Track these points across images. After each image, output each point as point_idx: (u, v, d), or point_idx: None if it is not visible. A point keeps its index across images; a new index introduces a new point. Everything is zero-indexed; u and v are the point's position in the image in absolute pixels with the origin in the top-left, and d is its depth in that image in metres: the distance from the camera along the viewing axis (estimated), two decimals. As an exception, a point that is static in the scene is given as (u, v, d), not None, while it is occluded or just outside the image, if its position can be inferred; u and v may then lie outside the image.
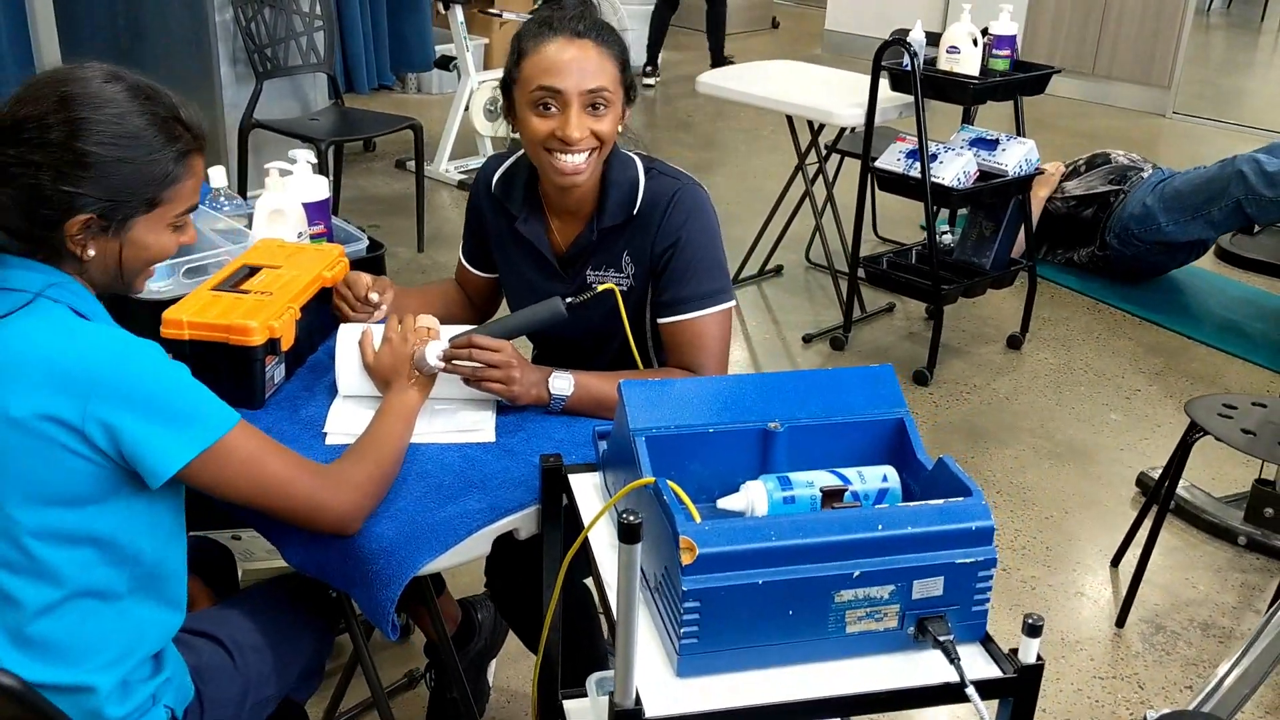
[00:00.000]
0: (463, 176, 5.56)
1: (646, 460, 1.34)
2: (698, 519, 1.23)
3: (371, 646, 2.17)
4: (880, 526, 1.23)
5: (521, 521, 1.62)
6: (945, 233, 4.33)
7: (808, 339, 4.10)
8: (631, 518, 1.09)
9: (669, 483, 1.26)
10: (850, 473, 1.37)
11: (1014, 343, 4.11)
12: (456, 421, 1.77)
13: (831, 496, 1.31)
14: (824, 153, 4.32)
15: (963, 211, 4.24)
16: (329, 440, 1.71)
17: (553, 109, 1.77)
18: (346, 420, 1.75)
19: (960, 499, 1.28)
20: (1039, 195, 4.65)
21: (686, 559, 1.19)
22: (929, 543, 1.24)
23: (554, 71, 1.76)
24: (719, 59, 7.41)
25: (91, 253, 1.41)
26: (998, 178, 3.74)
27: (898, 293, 4.17)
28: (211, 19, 4.42)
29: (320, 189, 2.23)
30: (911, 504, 1.27)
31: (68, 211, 1.37)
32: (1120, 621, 2.71)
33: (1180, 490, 3.13)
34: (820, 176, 4.33)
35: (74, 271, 1.42)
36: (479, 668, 2.28)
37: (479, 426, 1.76)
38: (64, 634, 1.38)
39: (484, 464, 1.68)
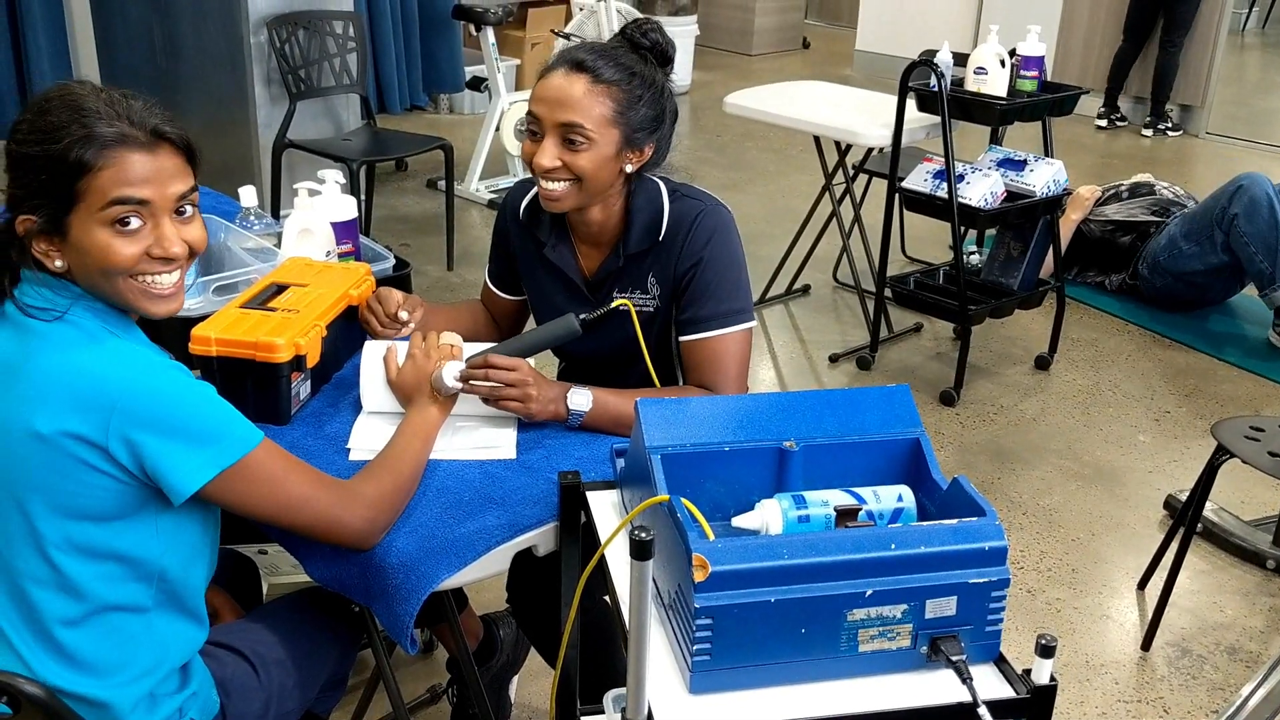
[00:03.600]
0: (493, 196, 5.61)
1: (662, 478, 1.35)
2: (711, 536, 1.25)
3: (394, 661, 2.19)
4: (893, 545, 1.24)
5: (540, 538, 1.63)
6: (973, 253, 4.32)
7: (834, 359, 4.10)
8: (643, 534, 1.10)
9: (683, 500, 1.27)
10: (865, 492, 1.38)
11: (1042, 364, 4.10)
12: (477, 439, 1.79)
13: (845, 515, 1.32)
14: (851, 173, 4.33)
15: (991, 232, 4.24)
16: (352, 456, 1.73)
17: (537, 134, 1.80)
18: (370, 436, 1.77)
19: (974, 519, 1.28)
20: (1071, 218, 4.64)
21: (699, 576, 1.20)
22: (942, 562, 1.25)
23: (539, 98, 1.79)
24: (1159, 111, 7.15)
25: (59, 264, 1.39)
26: (1025, 198, 3.74)
27: (925, 313, 4.17)
28: (247, 40, 4.49)
29: (348, 209, 2.26)
30: (925, 523, 1.28)
31: (14, 211, 1.37)
32: (1146, 645, 2.69)
33: (1208, 513, 3.10)
34: (847, 196, 4.34)
35: (87, 288, 1.42)
36: (501, 684, 2.30)
37: (500, 443, 1.78)
38: (90, 646, 1.40)
39: (504, 480, 1.69)
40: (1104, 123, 7.27)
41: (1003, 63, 3.71)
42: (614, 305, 1.85)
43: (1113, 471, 3.44)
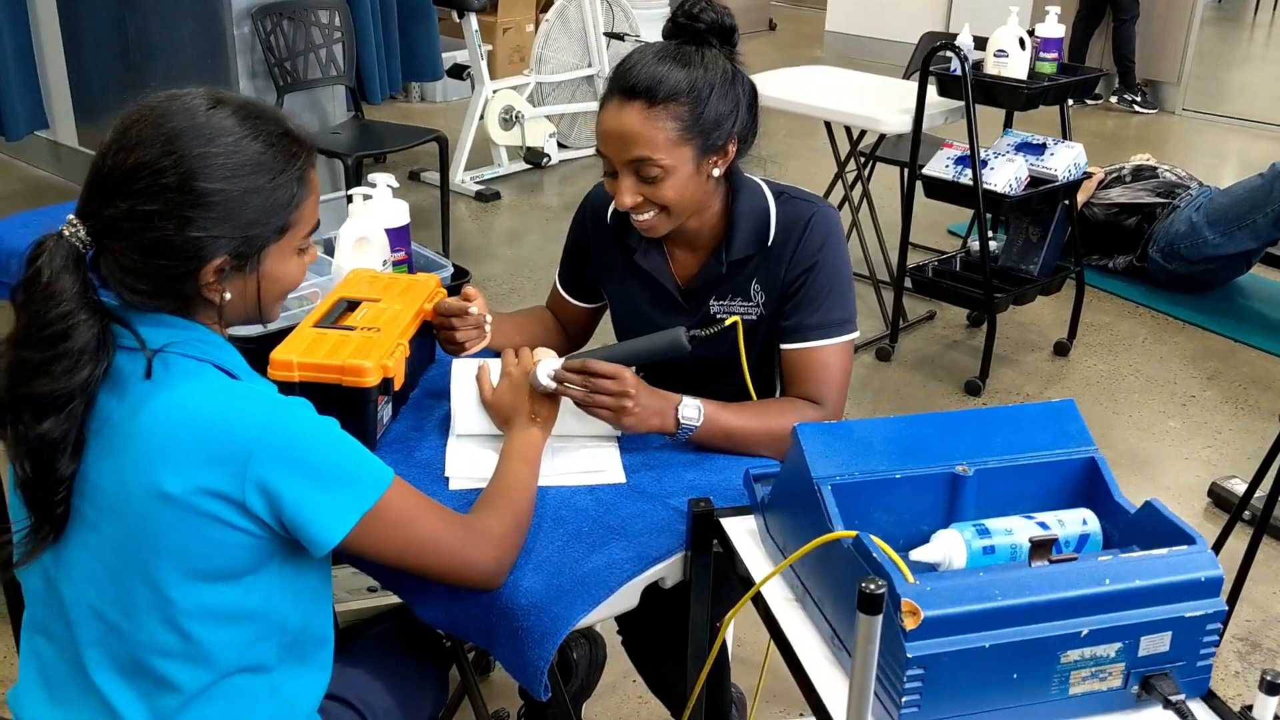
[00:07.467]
0: (480, 187, 5.47)
1: (836, 511, 1.25)
2: (910, 579, 1.15)
3: (458, 688, 2.08)
4: (1108, 581, 1.15)
5: (668, 570, 1.53)
6: (988, 239, 4.26)
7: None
8: (873, 587, 1.00)
9: (874, 538, 1.18)
10: (1048, 518, 1.29)
11: (1061, 349, 4.05)
12: (581, 461, 1.68)
13: (1042, 548, 1.23)
14: (862, 161, 4.25)
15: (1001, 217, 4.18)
16: (453, 485, 1.62)
17: (613, 171, 1.70)
18: (469, 463, 1.66)
19: (1184, 547, 1.20)
20: (1077, 200, 4.59)
21: (910, 624, 1.11)
22: (1157, 596, 1.17)
23: (602, 137, 1.69)
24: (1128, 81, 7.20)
25: (229, 296, 1.29)
26: (1047, 183, 3.68)
27: (944, 301, 4.09)
28: (230, 32, 4.31)
29: (401, 213, 2.13)
30: (1136, 554, 1.19)
31: (199, 259, 1.24)
32: (1215, 640, 2.64)
33: (1255, 501, 3.06)
34: (859, 183, 4.26)
35: (208, 320, 1.31)
36: (574, 708, 2.19)
37: (605, 466, 1.67)
38: (216, 716, 1.28)
39: (619, 508, 1.59)
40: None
41: (1023, 44, 3.64)
42: (727, 324, 1.73)
43: (1149, 460, 3.39)
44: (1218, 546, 2.82)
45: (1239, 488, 2.99)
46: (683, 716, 1.56)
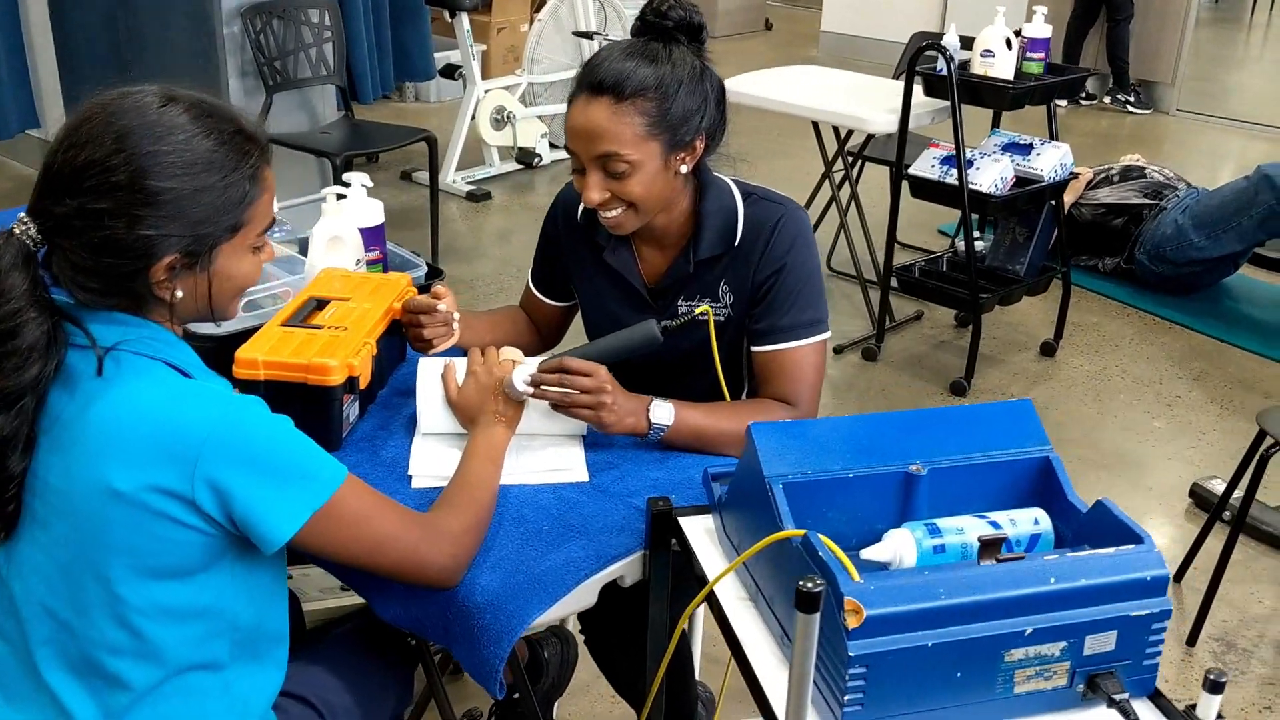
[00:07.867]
0: (471, 188, 5.47)
1: (786, 510, 1.25)
2: (856, 577, 1.15)
3: (422, 687, 2.08)
4: (1053, 579, 1.16)
5: (627, 568, 1.53)
6: (975, 239, 4.26)
7: (839, 350, 4.02)
8: (811, 585, 1.00)
9: (821, 537, 1.18)
10: (1000, 517, 1.29)
11: (1048, 350, 4.05)
12: (546, 460, 1.68)
13: (991, 547, 1.23)
14: (850, 160, 4.24)
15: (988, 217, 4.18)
16: (415, 483, 1.62)
17: (581, 167, 1.71)
18: (432, 461, 1.66)
19: (1130, 546, 1.20)
20: (1065, 200, 4.58)
21: (853, 622, 1.11)
22: (1103, 595, 1.17)
23: (570, 133, 1.70)
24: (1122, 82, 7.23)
25: (180, 294, 1.29)
26: (1034, 183, 3.67)
27: (930, 301, 4.09)
28: (220, 31, 4.31)
29: (375, 213, 2.13)
30: (1083, 554, 1.19)
31: (149, 257, 1.25)
32: (1191, 640, 2.64)
33: (1234, 500, 3.06)
34: (846, 183, 4.26)
35: (161, 318, 1.31)
36: (545, 707, 2.20)
37: (569, 465, 1.68)
38: (168, 714, 1.28)
39: (581, 506, 1.59)
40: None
41: (1009, 44, 3.63)
42: (697, 313, 1.74)
43: (1133, 460, 3.39)
44: (1196, 546, 2.83)
45: (1219, 488, 2.99)
46: (641, 715, 1.56)
